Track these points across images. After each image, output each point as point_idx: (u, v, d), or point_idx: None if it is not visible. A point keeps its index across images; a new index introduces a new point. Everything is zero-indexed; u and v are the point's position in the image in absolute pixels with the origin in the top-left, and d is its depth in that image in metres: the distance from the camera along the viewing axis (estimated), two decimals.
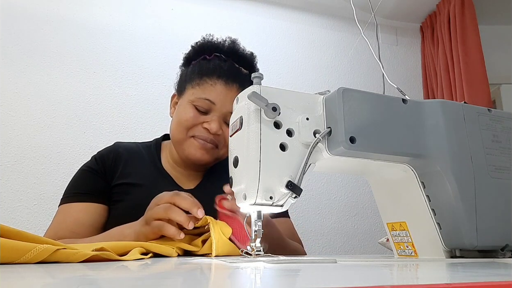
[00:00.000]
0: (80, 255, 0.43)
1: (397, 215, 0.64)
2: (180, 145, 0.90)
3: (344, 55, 2.17)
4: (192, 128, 0.88)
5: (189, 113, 0.88)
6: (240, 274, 0.33)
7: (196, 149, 0.88)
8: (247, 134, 0.54)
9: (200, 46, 0.97)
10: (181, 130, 0.89)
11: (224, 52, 0.95)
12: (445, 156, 0.57)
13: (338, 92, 0.55)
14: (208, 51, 0.95)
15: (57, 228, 0.83)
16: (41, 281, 0.28)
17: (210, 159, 0.90)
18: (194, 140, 0.88)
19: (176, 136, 0.90)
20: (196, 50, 0.97)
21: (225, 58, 0.94)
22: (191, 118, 0.88)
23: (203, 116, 0.88)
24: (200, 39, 0.98)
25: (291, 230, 0.98)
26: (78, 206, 0.85)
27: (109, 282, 0.27)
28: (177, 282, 0.27)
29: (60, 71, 1.66)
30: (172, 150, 0.96)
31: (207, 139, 0.88)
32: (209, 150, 0.89)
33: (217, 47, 0.95)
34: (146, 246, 0.59)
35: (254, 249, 0.55)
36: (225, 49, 0.95)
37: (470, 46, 1.96)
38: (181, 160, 0.94)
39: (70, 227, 0.82)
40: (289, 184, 0.53)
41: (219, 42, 0.97)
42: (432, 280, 0.28)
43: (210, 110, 0.88)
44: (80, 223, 0.83)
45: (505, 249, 0.56)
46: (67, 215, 0.85)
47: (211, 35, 0.98)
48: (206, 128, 0.88)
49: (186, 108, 0.89)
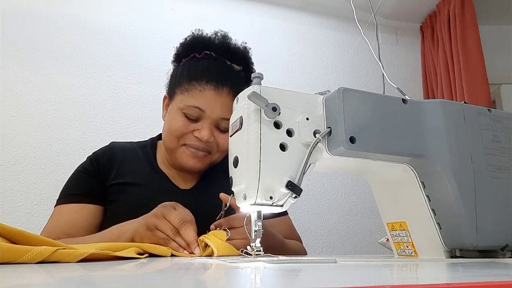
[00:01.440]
0: (78, 254, 0.43)
1: (397, 215, 0.64)
2: (173, 153, 0.88)
3: (344, 55, 2.17)
4: (182, 136, 0.86)
5: (179, 122, 0.85)
6: (240, 274, 0.33)
7: (188, 158, 0.87)
8: (247, 134, 0.54)
9: (189, 43, 0.93)
10: (172, 139, 0.87)
11: (214, 48, 0.91)
12: (445, 156, 0.57)
13: (338, 92, 0.55)
14: (197, 49, 0.91)
15: (51, 229, 0.83)
16: (41, 281, 0.28)
17: (203, 166, 0.89)
18: (186, 149, 0.86)
19: (168, 145, 0.89)
20: (185, 47, 0.93)
21: (216, 57, 0.90)
22: (181, 127, 0.85)
23: (193, 124, 0.86)
24: (189, 35, 0.94)
25: (290, 228, 0.98)
26: (73, 208, 0.85)
27: (109, 282, 0.27)
28: (177, 282, 0.27)
29: (60, 71, 1.66)
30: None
31: (199, 148, 0.86)
32: (201, 158, 0.87)
33: (207, 44, 0.91)
34: (142, 246, 0.59)
35: (254, 249, 0.55)
36: (216, 45, 0.91)
37: (470, 46, 1.96)
38: (173, 164, 0.93)
39: (64, 229, 0.82)
40: (289, 184, 0.53)
41: (209, 37, 0.93)
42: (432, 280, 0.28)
43: (200, 118, 0.85)
44: (74, 225, 0.83)
45: (505, 249, 0.56)
46: (61, 217, 0.85)
47: (200, 30, 0.94)
48: (196, 137, 0.85)
49: (175, 116, 0.86)
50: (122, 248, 0.54)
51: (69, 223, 0.83)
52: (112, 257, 0.50)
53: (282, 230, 0.92)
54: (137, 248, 0.57)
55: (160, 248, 0.61)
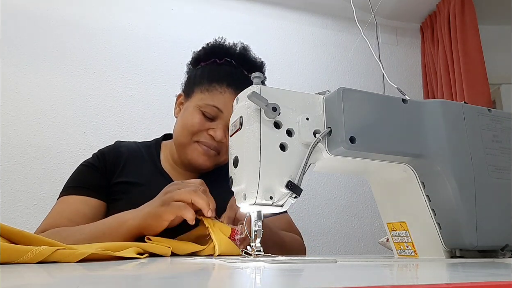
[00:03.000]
0: (78, 254, 0.43)
1: (397, 215, 0.64)
2: (183, 149, 0.90)
3: (344, 55, 2.17)
4: (197, 133, 0.89)
5: (195, 118, 0.88)
6: (240, 274, 0.33)
7: (199, 154, 0.89)
8: (247, 134, 0.54)
9: (211, 48, 0.97)
10: (186, 134, 0.89)
11: (235, 57, 0.95)
12: (445, 156, 0.57)
13: (338, 92, 0.55)
14: (219, 55, 0.95)
15: (56, 216, 0.83)
16: (41, 281, 0.28)
17: (211, 165, 0.92)
18: (198, 146, 0.89)
19: (180, 140, 0.91)
20: (207, 52, 0.97)
21: (236, 65, 0.94)
22: (197, 123, 0.88)
23: (209, 123, 0.89)
24: (212, 41, 0.98)
25: (289, 224, 0.99)
26: (78, 198, 0.85)
27: (109, 282, 0.27)
28: (177, 282, 0.27)
29: (60, 71, 1.66)
30: (172, 150, 0.97)
31: (211, 146, 0.89)
32: (211, 156, 0.90)
33: (228, 52, 0.96)
34: (142, 246, 0.59)
35: (254, 249, 0.55)
36: (236, 54, 0.96)
37: (470, 46, 1.96)
38: (180, 161, 0.94)
39: (69, 216, 0.82)
40: (289, 184, 0.53)
41: (230, 46, 0.97)
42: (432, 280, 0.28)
43: (217, 117, 0.89)
44: (81, 213, 0.83)
45: (505, 249, 0.56)
46: (65, 206, 0.84)
47: (223, 38, 0.98)
48: (210, 135, 0.88)
49: (193, 112, 0.89)
50: (122, 248, 0.54)
51: (75, 211, 0.83)
52: (112, 257, 0.50)
53: (280, 225, 0.93)
54: (137, 248, 0.57)
55: (160, 248, 0.61)
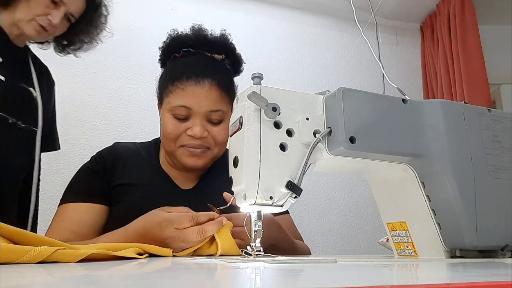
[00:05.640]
0: (78, 254, 0.43)
1: (397, 215, 0.64)
2: (173, 156, 0.89)
3: (344, 55, 2.17)
4: (178, 139, 0.87)
5: (169, 124, 0.86)
6: (240, 274, 0.33)
7: (187, 157, 0.87)
8: (247, 134, 0.54)
9: (167, 45, 0.94)
10: (169, 143, 0.88)
11: (191, 44, 0.91)
12: (445, 156, 0.57)
13: (338, 92, 0.55)
14: (176, 48, 0.92)
15: (57, 229, 0.83)
16: (41, 281, 0.28)
17: (205, 162, 0.90)
18: (184, 150, 0.87)
19: (167, 148, 0.90)
20: (165, 51, 0.95)
21: (194, 52, 0.90)
22: (173, 129, 0.86)
23: (184, 123, 0.86)
24: (166, 37, 0.95)
25: (291, 227, 0.98)
26: (78, 207, 0.85)
27: (109, 282, 0.27)
28: (177, 282, 0.27)
29: (60, 71, 1.66)
30: None
31: (195, 146, 0.86)
32: (200, 155, 0.88)
33: (183, 41, 0.92)
34: (142, 246, 0.59)
35: (254, 249, 0.55)
36: (192, 40, 0.91)
37: (470, 46, 1.96)
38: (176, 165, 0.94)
39: (70, 227, 0.82)
40: (289, 184, 0.53)
41: (185, 34, 0.93)
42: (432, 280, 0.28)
43: (189, 115, 0.86)
44: (82, 224, 0.83)
45: (505, 249, 0.56)
46: (67, 216, 0.84)
47: (175, 30, 0.94)
48: (189, 135, 0.85)
49: (166, 119, 0.87)
50: (122, 248, 0.54)
51: (76, 222, 0.83)
52: (112, 257, 0.50)
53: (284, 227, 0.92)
54: (137, 248, 0.57)
55: (160, 248, 0.61)
